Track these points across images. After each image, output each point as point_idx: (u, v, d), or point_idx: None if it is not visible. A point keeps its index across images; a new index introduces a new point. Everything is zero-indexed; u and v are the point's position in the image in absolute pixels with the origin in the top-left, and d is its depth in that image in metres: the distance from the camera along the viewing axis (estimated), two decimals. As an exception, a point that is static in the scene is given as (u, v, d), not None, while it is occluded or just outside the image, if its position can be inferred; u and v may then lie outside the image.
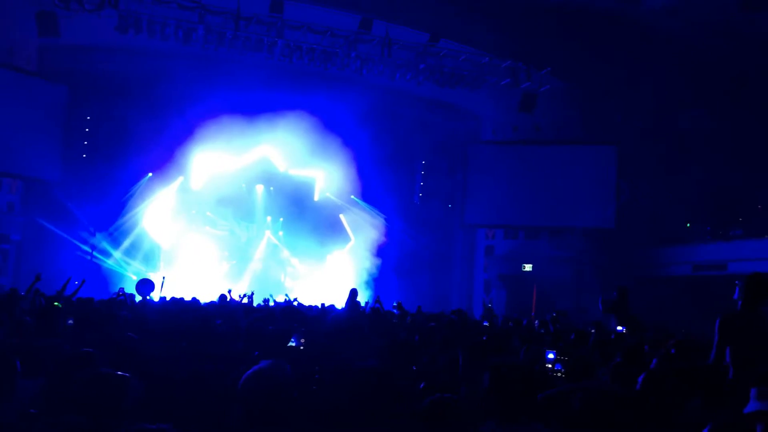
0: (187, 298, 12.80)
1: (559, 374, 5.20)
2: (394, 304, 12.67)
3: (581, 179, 19.95)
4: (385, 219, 21.80)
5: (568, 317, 11.75)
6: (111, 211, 18.97)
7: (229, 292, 13.49)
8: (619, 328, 8.45)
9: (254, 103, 19.00)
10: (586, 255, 19.77)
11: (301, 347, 5.97)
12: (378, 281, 20.55)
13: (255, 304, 13.30)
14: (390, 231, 21.72)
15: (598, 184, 19.91)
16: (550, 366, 5.38)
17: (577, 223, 19.98)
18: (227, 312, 10.03)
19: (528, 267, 20.19)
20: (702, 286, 17.37)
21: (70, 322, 6.59)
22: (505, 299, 20.70)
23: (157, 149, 19.24)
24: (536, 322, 11.38)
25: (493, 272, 21.34)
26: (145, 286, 12.46)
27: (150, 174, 19.75)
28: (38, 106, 17.17)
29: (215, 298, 13.53)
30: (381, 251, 21.27)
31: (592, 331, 7.91)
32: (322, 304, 14.85)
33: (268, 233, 21.55)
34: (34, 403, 3.66)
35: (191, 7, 15.13)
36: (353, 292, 11.61)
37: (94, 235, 18.39)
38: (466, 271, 22.70)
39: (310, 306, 13.61)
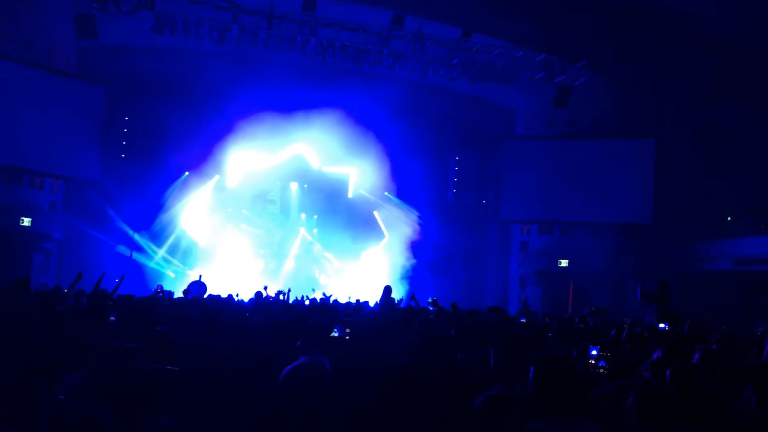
0: (224, 295, 12.96)
1: (602, 370, 5.13)
2: (429, 300, 12.65)
3: (617, 173, 19.66)
4: (419, 215, 21.77)
5: (607, 314, 11.58)
6: (149, 210, 19.28)
7: (265, 288, 13.61)
8: (662, 325, 8.28)
9: (288, 100, 19.12)
10: (623, 250, 19.48)
11: (347, 336, 5.98)
12: (412, 277, 20.53)
13: (290, 301, 13.40)
14: (424, 227, 21.67)
15: (634, 178, 19.58)
16: (593, 362, 5.31)
17: (613, 218, 19.70)
18: (263, 309, 10.14)
19: (564, 263, 19.96)
20: (743, 281, 17.01)
21: (112, 318, 6.72)
22: (540, 295, 20.51)
23: (194, 148, 19.49)
24: (575, 318, 11.23)
25: (529, 268, 21.15)
26: (198, 287, 12.68)
27: (187, 173, 20.01)
28: (78, 108, 17.51)
29: (251, 295, 13.69)
30: (415, 247, 21.24)
31: (628, 322, 7.78)
32: (357, 301, 14.93)
33: (302, 230, 21.69)
34: (75, 393, 3.73)
35: (225, 7, 15.27)
36: (387, 289, 11.63)
37: (133, 233, 18.71)
38: (500, 267, 22.54)
39: (346, 303, 13.67)
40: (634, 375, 4.74)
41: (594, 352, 5.36)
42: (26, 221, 16.36)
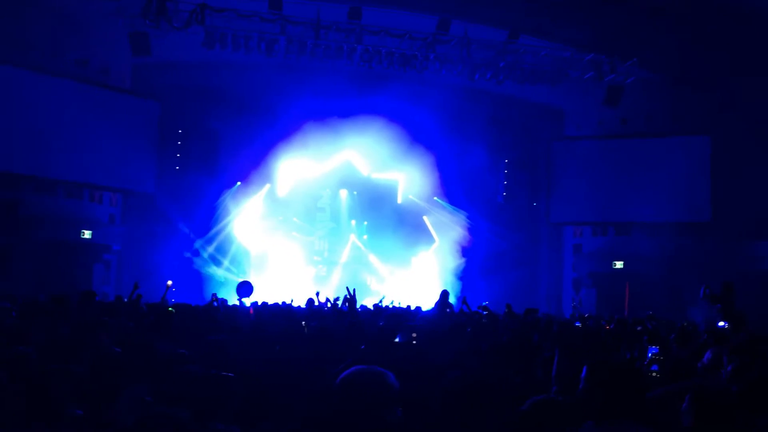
0: (278, 302, 13.12)
1: (654, 374, 5.01)
2: (482, 305, 12.55)
3: (672, 172, 19.19)
4: (469, 219, 21.65)
5: (658, 319, 11.30)
6: (203, 220, 19.70)
7: (317, 295, 13.69)
8: (721, 323, 8.06)
9: (336, 108, 19.29)
10: (681, 250, 18.97)
11: (414, 341, 5.97)
12: (464, 282, 20.41)
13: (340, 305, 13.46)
14: (474, 231, 21.54)
15: (690, 177, 19.09)
16: (645, 364, 5.20)
17: (670, 218, 19.24)
18: (316, 315, 10.24)
19: (619, 264, 19.57)
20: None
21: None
22: (595, 298, 20.14)
23: (245, 158, 19.87)
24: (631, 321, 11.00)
25: (583, 270, 20.81)
26: (244, 288, 12.82)
27: (239, 183, 20.38)
28: (133, 122, 18.05)
29: (303, 302, 13.80)
30: (466, 252, 21.13)
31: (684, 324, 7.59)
32: (408, 306, 14.90)
33: (353, 237, 21.82)
34: (141, 402, 3.85)
35: (273, 18, 15.51)
36: (444, 294, 11.58)
37: (190, 243, 19.14)
38: (554, 270, 22.23)
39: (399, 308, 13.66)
40: (689, 377, 4.63)
41: (651, 355, 5.25)
42: (87, 234, 16.92)
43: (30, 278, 15.35)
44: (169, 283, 10.96)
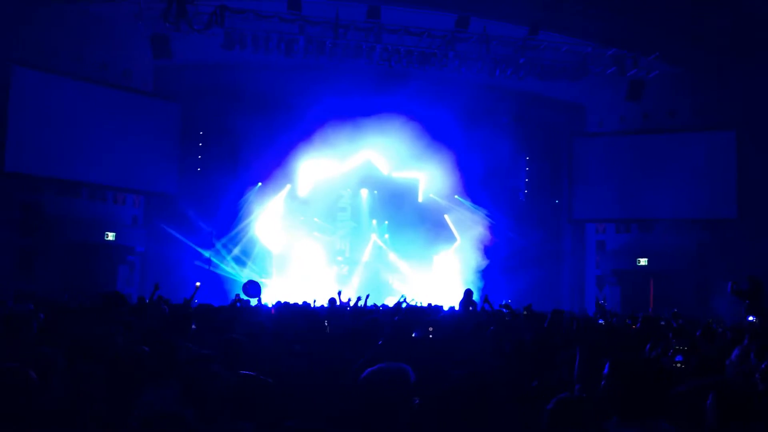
0: (299, 302, 13.13)
1: (678, 365, 4.92)
2: (503, 303, 12.48)
3: (697, 167, 18.91)
4: (491, 217, 21.54)
5: (684, 316, 11.16)
6: (225, 221, 19.81)
7: (339, 294, 13.68)
8: (750, 318, 7.93)
9: (355, 108, 19.29)
10: (706, 247, 18.72)
11: (430, 335, 5.96)
12: (486, 280, 20.31)
13: (361, 305, 13.45)
14: (496, 229, 21.42)
15: (715, 172, 18.81)
16: (678, 365, 5.11)
17: (694, 214, 18.97)
18: (338, 315, 10.24)
19: (643, 261, 19.33)
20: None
21: (193, 327, 6.91)
22: (619, 296, 19.93)
23: (266, 159, 19.96)
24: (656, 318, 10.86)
25: (606, 268, 20.59)
26: (251, 287, 12.85)
27: (260, 183, 20.47)
28: (155, 124, 18.22)
29: (325, 302, 13.81)
30: (488, 250, 21.01)
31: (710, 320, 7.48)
32: (429, 304, 14.84)
33: (374, 236, 21.81)
34: (167, 401, 3.86)
35: (292, 19, 15.56)
36: (468, 293, 11.53)
37: (213, 244, 19.27)
38: (576, 267, 22.05)
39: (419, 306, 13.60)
40: (715, 373, 4.55)
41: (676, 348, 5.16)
42: (111, 235, 17.09)
43: (54, 280, 15.55)
44: (198, 284, 11.02)
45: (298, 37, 15.97)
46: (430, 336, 5.98)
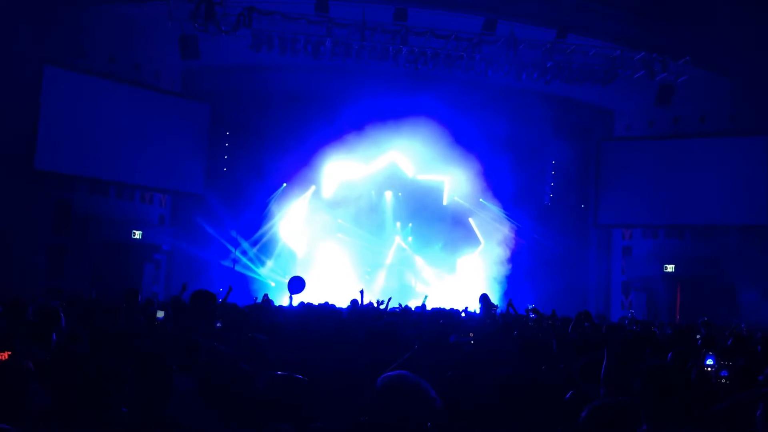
0: (323, 303, 13.14)
1: (723, 381, 4.83)
2: (529, 307, 12.38)
3: (727, 173, 18.61)
4: (516, 221, 21.41)
5: (713, 324, 10.96)
6: (251, 221, 19.95)
7: (361, 293, 13.65)
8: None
9: (381, 110, 19.29)
10: (737, 254, 18.40)
11: (471, 341, 5.92)
12: (510, 284, 20.20)
13: (386, 308, 13.43)
14: (521, 233, 21.29)
15: (746, 178, 18.47)
16: (708, 370, 5.01)
17: (724, 221, 18.65)
18: (359, 316, 10.24)
19: (670, 268, 19.05)
20: None
21: (219, 325, 6.97)
22: (645, 302, 19.68)
23: (291, 160, 20.04)
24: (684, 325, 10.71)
25: (632, 274, 20.34)
26: (296, 283, 12.87)
27: (285, 184, 20.57)
28: (183, 125, 18.40)
29: (348, 303, 13.80)
30: (512, 254, 20.90)
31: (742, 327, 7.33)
32: (451, 309, 14.76)
33: (397, 239, 21.79)
34: (189, 398, 3.88)
35: (319, 21, 15.62)
36: (484, 298, 11.45)
37: (237, 244, 19.41)
38: (602, 272, 21.81)
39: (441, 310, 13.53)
40: (752, 385, 4.45)
41: (710, 361, 5.06)
42: (138, 234, 17.29)
43: (83, 277, 15.78)
44: (230, 287, 11.10)
45: (324, 39, 16.02)
46: (471, 342, 5.92)
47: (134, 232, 17.24)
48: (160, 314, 6.73)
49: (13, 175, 14.51)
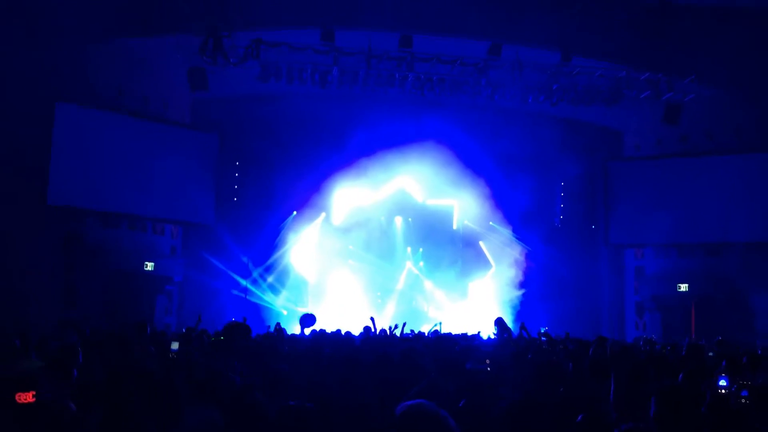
0: (335, 330, 13.12)
1: (744, 401, 4.77)
2: (541, 330, 12.31)
3: (738, 190, 18.51)
4: (526, 243, 21.36)
5: (728, 344, 10.85)
6: (262, 250, 20.01)
7: (372, 321, 13.63)
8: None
9: (389, 136, 19.41)
10: (750, 271, 18.24)
11: (488, 368, 5.89)
12: (522, 307, 20.10)
13: (401, 334, 13.39)
14: (532, 255, 21.23)
15: (756, 194, 18.36)
16: (722, 392, 4.96)
17: (736, 238, 18.51)
18: (373, 343, 10.21)
19: (684, 287, 18.89)
20: None
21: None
22: (660, 322, 19.51)
23: (301, 188, 20.18)
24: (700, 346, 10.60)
25: (645, 294, 20.18)
26: (307, 319, 12.89)
27: (295, 212, 20.66)
28: (192, 156, 18.54)
29: (361, 330, 13.76)
30: (524, 276, 20.83)
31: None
32: (464, 333, 14.71)
33: (408, 264, 21.77)
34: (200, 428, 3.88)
35: (325, 51, 15.80)
36: (500, 322, 11.39)
37: (249, 273, 19.45)
38: (615, 293, 21.66)
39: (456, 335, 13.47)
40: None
41: (723, 382, 5.01)
42: (149, 265, 17.35)
43: (96, 309, 15.82)
44: (245, 319, 11.13)
45: (331, 68, 16.20)
46: (488, 369, 5.89)
47: (146, 264, 17.30)
48: (174, 346, 6.73)
49: (26, 210, 14.64)
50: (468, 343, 10.35)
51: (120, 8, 14.57)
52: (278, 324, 12.15)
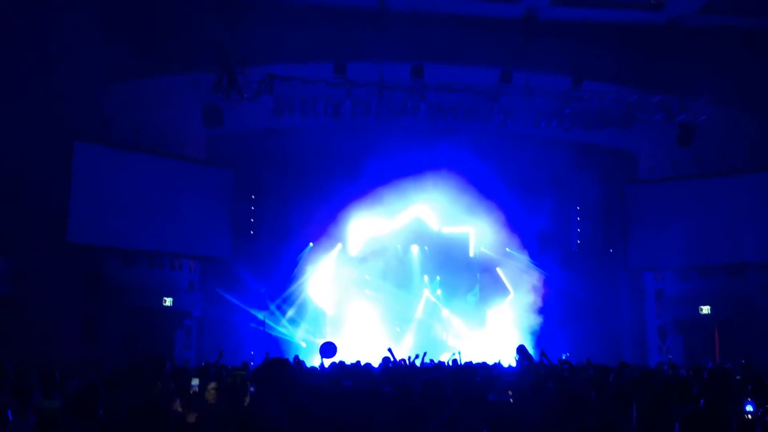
0: (355, 362, 13.06)
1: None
2: (561, 358, 12.19)
3: (756, 209, 18.33)
4: (544, 269, 21.22)
5: (753, 367, 10.66)
6: (279, 282, 20.04)
7: (390, 351, 13.56)
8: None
9: (403, 165, 19.48)
10: (772, 291, 17.98)
11: (510, 400, 5.85)
12: (541, 333, 19.89)
13: (419, 364, 13.30)
14: (550, 281, 21.06)
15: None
16: (749, 417, 4.88)
17: (756, 258, 18.29)
18: (393, 374, 10.15)
19: (706, 309, 18.63)
20: None
21: (252, 389, 6.94)
22: (683, 346, 19.22)
23: (317, 219, 20.26)
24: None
25: (667, 318, 19.90)
26: (328, 348, 12.88)
27: (311, 244, 20.72)
28: (208, 191, 18.72)
29: (378, 361, 13.69)
30: (542, 302, 20.65)
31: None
32: (484, 362, 14.58)
33: (426, 292, 21.69)
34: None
35: (338, 83, 16.00)
36: (521, 349, 11.29)
37: (267, 306, 19.47)
38: (636, 317, 21.38)
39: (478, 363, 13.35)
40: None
41: (750, 407, 4.93)
42: (168, 301, 17.45)
43: (116, 346, 15.90)
44: (267, 353, 11.14)
45: (344, 100, 16.38)
46: (510, 400, 5.84)
47: (165, 299, 17.41)
48: (195, 382, 6.74)
49: (47, 248, 14.81)
50: (488, 372, 10.26)
51: (136, 49, 14.86)
52: (296, 357, 12.14)
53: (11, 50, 14.13)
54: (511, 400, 5.80)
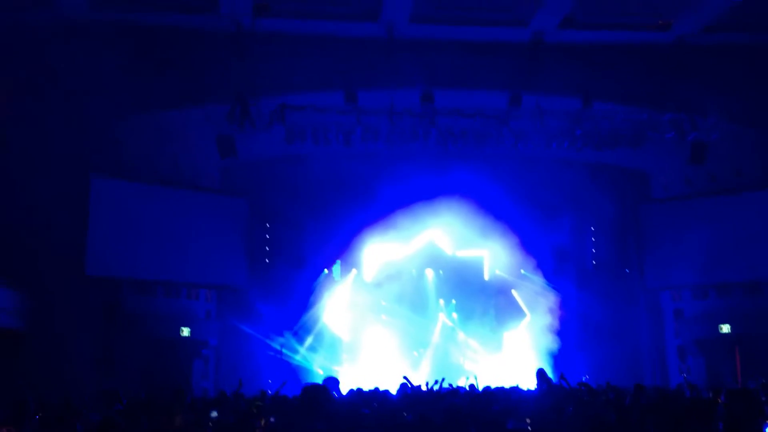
0: (372, 389, 13.02)
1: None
2: (581, 381, 12.08)
3: (770, 225, 18.21)
4: (559, 290, 21.10)
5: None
6: (295, 311, 20.07)
7: (406, 378, 13.49)
8: None
9: (415, 190, 19.56)
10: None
11: (529, 428, 5.83)
12: (559, 356, 19.72)
13: (437, 389, 13.22)
14: (566, 302, 20.91)
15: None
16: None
17: (774, 274, 18.11)
18: (412, 401, 10.12)
19: (725, 328, 18.39)
20: None
21: (273, 420, 6.99)
22: (704, 366, 18.95)
23: (331, 246, 20.34)
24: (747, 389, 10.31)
25: (687, 337, 19.64)
26: (330, 383, 12.88)
27: (326, 270, 20.77)
28: (224, 220, 18.88)
29: (398, 387, 13.62)
30: (560, 324, 20.50)
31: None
32: (501, 387, 14.45)
33: (442, 316, 21.62)
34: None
35: (348, 111, 16.19)
36: (541, 373, 11.21)
37: (283, 334, 19.49)
38: (655, 338, 21.12)
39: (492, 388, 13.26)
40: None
41: (769, 430, 4.89)
42: (185, 331, 17.54)
43: (133, 376, 15.95)
44: (284, 382, 11.16)
45: (355, 127, 16.56)
46: (529, 429, 5.82)
47: (182, 329, 17.49)
48: (214, 414, 6.78)
49: (65, 281, 14.98)
50: (507, 397, 10.21)
51: (150, 83, 15.15)
52: (330, 379, 12.11)
53: (29, 86, 14.45)
54: (530, 429, 5.78)
